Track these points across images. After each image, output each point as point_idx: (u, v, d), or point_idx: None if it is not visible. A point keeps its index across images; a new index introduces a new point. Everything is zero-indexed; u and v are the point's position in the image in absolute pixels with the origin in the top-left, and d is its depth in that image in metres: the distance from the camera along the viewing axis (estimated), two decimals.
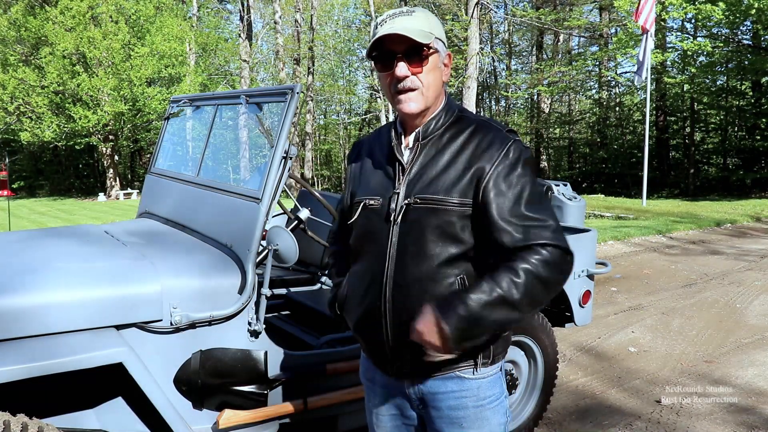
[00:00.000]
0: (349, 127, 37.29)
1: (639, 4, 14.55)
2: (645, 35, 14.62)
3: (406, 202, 1.51)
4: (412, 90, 1.51)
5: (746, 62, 21.13)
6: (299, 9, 27.68)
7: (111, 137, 25.42)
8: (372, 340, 1.59)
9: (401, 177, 1.55)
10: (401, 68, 1.49)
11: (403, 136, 1.59)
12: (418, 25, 1.48)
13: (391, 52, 1.50)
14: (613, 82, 29.06)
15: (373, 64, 1.58)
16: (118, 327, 2.11)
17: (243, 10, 25.24)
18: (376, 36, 1.48)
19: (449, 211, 1.48)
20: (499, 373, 1.62)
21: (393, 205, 1.53)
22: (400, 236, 1.51)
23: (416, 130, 1.57)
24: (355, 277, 1.64)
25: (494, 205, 1.45)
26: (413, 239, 1.50)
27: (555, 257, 1.43)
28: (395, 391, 1.65)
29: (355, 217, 1.61)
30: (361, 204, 1.60)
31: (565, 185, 3.96)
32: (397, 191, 1.53)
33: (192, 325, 2.23)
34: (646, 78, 14.92)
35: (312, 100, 29.04)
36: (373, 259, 1.56)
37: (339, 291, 1.72)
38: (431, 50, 1.50)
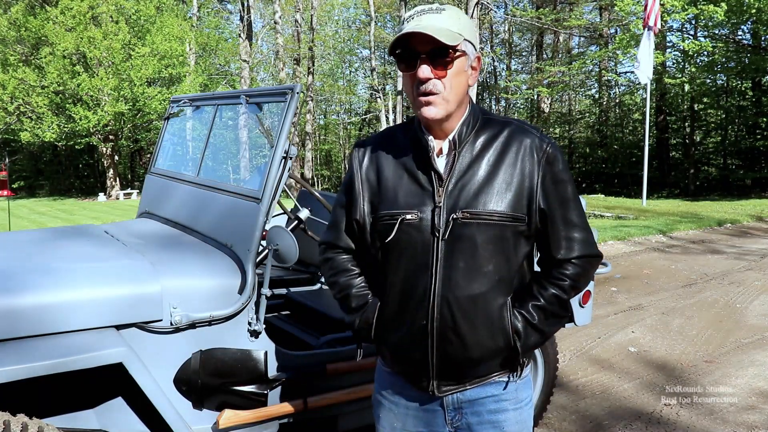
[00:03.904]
0: (349, 127, 37.31)
1: (648, 6, 14.53)
2: (647, 33, 14.56)
3: (453, 216, 1.42)
4: (434, 94, 1.41)
5: (746, 62, 21.13)
6: (299, 9, 27.68)
7: (111, 137, 25.43)
8: (413, 360, 1.51)
9: (439, 189, 1.45)
10: (424, 70, 1.39)
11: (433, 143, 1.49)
12: (446, 25, 1.39)
13: (415, 52, 1.40)
14: (613, 82, 29.07)
15: (396, 63, 1.47)
16: (118, 327, 2.11)
17: (243, 10, 25.26)
18: (401, 32, 1.38)
19: (502, 226, 1.43)
20: (530, 375, 1.63)
21: (438, 221, 1.43)
22: (447, 252, 1.43)
23: (449, 137, 1.48)
24: (389, 298, 1.52)
25: (548, 214, 1.48)
26: (465, 256, 1.43)
27: (589, 268, 1.55)
28: (427, 407, 1.57)
29: (393, 235, 1.47)
30: (399, 220, 1.46)
31: None
32: (440, 205, 1.44)
33: (192, 325, 2.23)
34: (649, 76, 14.87)
35: (312, 100, 29.04)
36: (414, 276, 1.46)
37: (369, 316, 1.55)
38: (458, 53, 1.41)
